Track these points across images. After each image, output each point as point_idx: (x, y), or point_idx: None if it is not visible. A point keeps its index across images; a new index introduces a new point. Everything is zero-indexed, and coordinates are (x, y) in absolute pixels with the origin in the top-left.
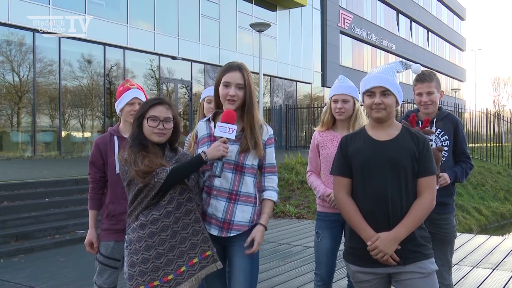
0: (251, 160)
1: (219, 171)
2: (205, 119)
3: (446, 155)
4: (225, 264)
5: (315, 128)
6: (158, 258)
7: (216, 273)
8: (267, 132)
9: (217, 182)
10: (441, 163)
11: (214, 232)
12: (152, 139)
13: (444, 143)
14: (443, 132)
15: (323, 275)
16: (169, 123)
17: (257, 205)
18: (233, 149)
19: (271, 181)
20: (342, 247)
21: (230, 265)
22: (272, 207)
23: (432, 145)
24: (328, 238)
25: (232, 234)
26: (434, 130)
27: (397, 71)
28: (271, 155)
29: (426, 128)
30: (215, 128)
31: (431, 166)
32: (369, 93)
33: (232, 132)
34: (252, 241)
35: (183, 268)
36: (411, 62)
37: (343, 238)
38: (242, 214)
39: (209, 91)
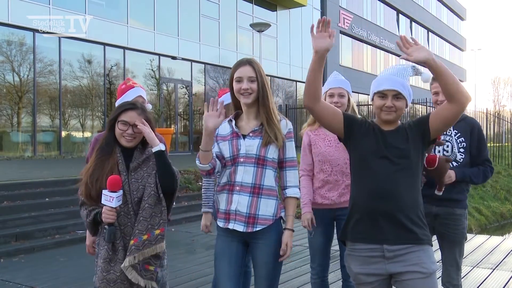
0: (272, 154)
1: (107, 238)
2: (227, 119)
3: (463, 156)
4: (242, 265)
5: (304, 127)
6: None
7: (227, 273)
8: (286, 126)
9: (239, 177)
10: (459, 164)
11: (239, 228)
12: (121, 143)
13: (460, 145)
14: (459, 134)
15: (317, 269)
16: (138, 128)
17: (279, 198)
18: (254, 143)
19: (293, 176)
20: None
21: (253, 261)
22: (296, 205)
23: (446, 149)
24: (320, 235)
25: (257, 229)
26: (452, 131)
27: (409, 75)
28: (291, 149)
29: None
30: (236, 127)
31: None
32: (381, 94)
33: (112, 200)
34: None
35: None
36: (423, 70)
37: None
38: (266, 208)
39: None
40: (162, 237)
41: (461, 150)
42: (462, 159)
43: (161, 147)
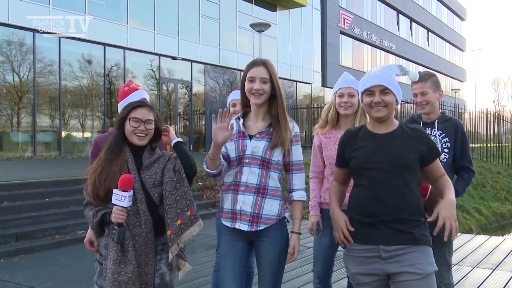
0: (277, 156)
1: (116, 238)
2: (235, 117)
3: (447, 157)
4: (246, 265)
5: (315, 128)
6: None
7: (231, 273)
8: (293, 129)
9: (244, 177)
10: (442, 164)
11: (244, 227)
12: (132, 141)
13: (445, 145)
14: (444, 134)
15: (319, 272)
16: (150, 124)
17: (282, 198)
18: (260, 144)
19: (299, 179)
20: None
21: (257, 259)
22: (303, 208)
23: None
24: (327, 236)
25: (261, 228)
26: (436, 131)
27: (396, 74)
28: (298, 152)
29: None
30: (243, 126)
31: (437, 149)
32: (369, 92)
33: (124, 200)
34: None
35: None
36: (409, 69)
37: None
38: (270, 208)
39: (234, 95)
40: (195, 217)
41: (445, 150)
42: (445, 159)
43: (179, 138)
